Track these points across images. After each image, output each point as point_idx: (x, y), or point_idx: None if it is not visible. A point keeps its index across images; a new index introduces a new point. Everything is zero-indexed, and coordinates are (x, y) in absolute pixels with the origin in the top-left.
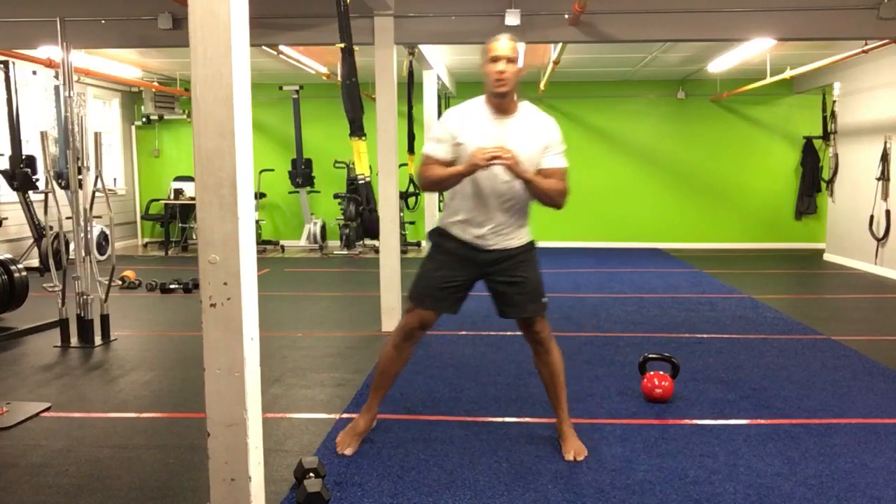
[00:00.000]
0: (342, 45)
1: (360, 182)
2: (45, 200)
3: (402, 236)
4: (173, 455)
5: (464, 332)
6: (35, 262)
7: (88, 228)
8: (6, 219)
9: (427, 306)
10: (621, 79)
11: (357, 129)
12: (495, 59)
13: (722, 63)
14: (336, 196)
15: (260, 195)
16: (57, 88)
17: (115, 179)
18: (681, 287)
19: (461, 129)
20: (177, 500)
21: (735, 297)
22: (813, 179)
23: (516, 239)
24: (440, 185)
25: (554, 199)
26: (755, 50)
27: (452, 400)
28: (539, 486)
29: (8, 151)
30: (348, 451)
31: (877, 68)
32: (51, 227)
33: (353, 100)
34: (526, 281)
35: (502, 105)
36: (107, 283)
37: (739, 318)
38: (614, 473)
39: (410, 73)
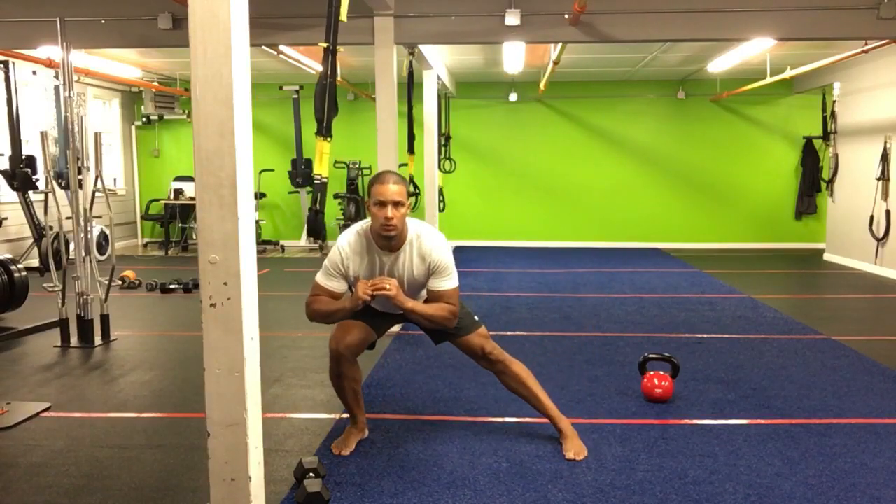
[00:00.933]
0: (325, 45)
1: (317, 182)
2: (45, 200)
3: None
4: (173, 455)
5: (482, 322)
6: (35, 262)
7: (88, 228)
8: (6, 219)
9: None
10: (621, 79)
11: (322, 130)
12: (382, 204)
13: (722, 63)
14: (336, 196)
15: (260, 195)
16: (57, 88)
17: (115, 179)
18: (681, 287)
19: (351, 265)
20: (177, 500)
21: (735, 297)
22: (813, 179)
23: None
24: (327, 319)
25: (438, 323)
26: (755, 50)
27: (452, 400)
28: (539, 485)
29: (8, 151)
30: (346, 452)
31: (877, 68)
32: (51, 227)
33: (325, 100)
34: None
35: (388, 244)
36: (107, 283)
37: (739, 318)
38: (614, 473)
39: (410, 73)
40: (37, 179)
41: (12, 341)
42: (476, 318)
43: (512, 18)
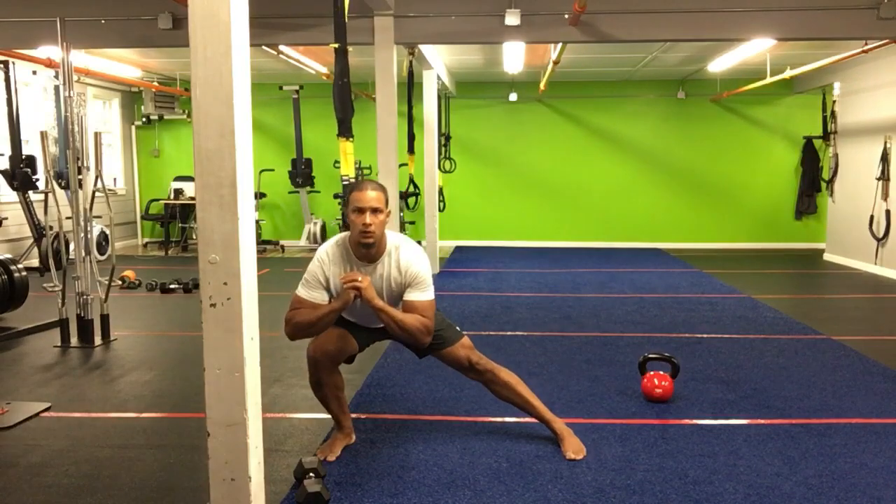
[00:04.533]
0: (336, 46)
1: (344, 183)
2: (45, 200)
3: None
4: (173, 455)
5: (463, 333)
6: (35, 262)
7: (88, 228)
8: (6, 219)
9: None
10: (621, 79)
11: (345, 130)
12: (360, 211)
13: (722, 63)
14: (336, 196)
15: (260, 195)
16: (57, 88)
17: (115, 179)
18: (681, 287)
19: (331, 276)
20: (177, 500)
21: (735, 297)
22: (813, 179)
23: None
24: (310, 329)
25: (410, 333)
26: (755, 50)
27: (452, 400)
28: (539, 485)
29: (8, 151)
30: (331, 458)
31: (877, 68)
32: (51, 227)
33: (344, 100)
34: None
35: (367, 253)
36: (107, 283)
37: (739, 318)
38: (614, 473)
39: (410, 73)
40: (37, 179)
41: (12, 341)
42: (458, 329)
43: (512, 18)
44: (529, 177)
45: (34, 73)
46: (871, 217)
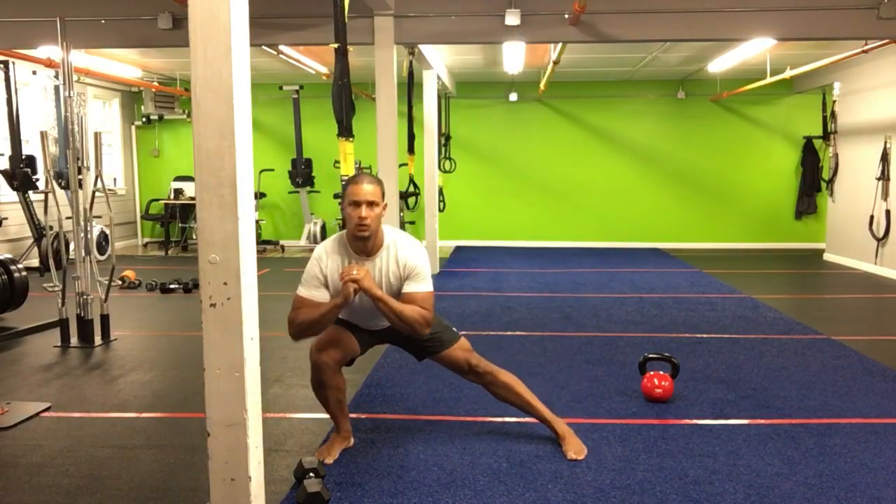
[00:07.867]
0: (336, 46)
1: (344, 183)
2: (45, 200)
3: None
4: (173, 455)
5: (464, 333)
6: (35, 262)
7: (88, 228)
8: (6, 219)
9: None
10: (621, 79)
11: (345, 130)
12: (356, 204)
13: (722, 63)
14: (336, 196)
15: (260, 195)
16: (57, 88)
17: (115, 179)
18: (681, 287)
19: (329, 273)
20: (177, 500)
21: (735, 297)
22: (813, 179)
23: None
24: (314, 328)
25: (408, 324)
26: (755, 50)
27: (452, 400)
28: (539, 485)
29: (8, 151)
30: (329, 460)
31: (877, 68)
32: (51, 227)
33: (343, 101)
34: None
35: (364, 247)
36: (107, 283)
37: (739, 318)
38: (614, 473)
39: (410, 73)
40: (37, 179)
41: (12, 341)
42: (455, 330)
43: (512, 18)
44: (529, 177)
45: (34, 73)
46: (871, 217)
